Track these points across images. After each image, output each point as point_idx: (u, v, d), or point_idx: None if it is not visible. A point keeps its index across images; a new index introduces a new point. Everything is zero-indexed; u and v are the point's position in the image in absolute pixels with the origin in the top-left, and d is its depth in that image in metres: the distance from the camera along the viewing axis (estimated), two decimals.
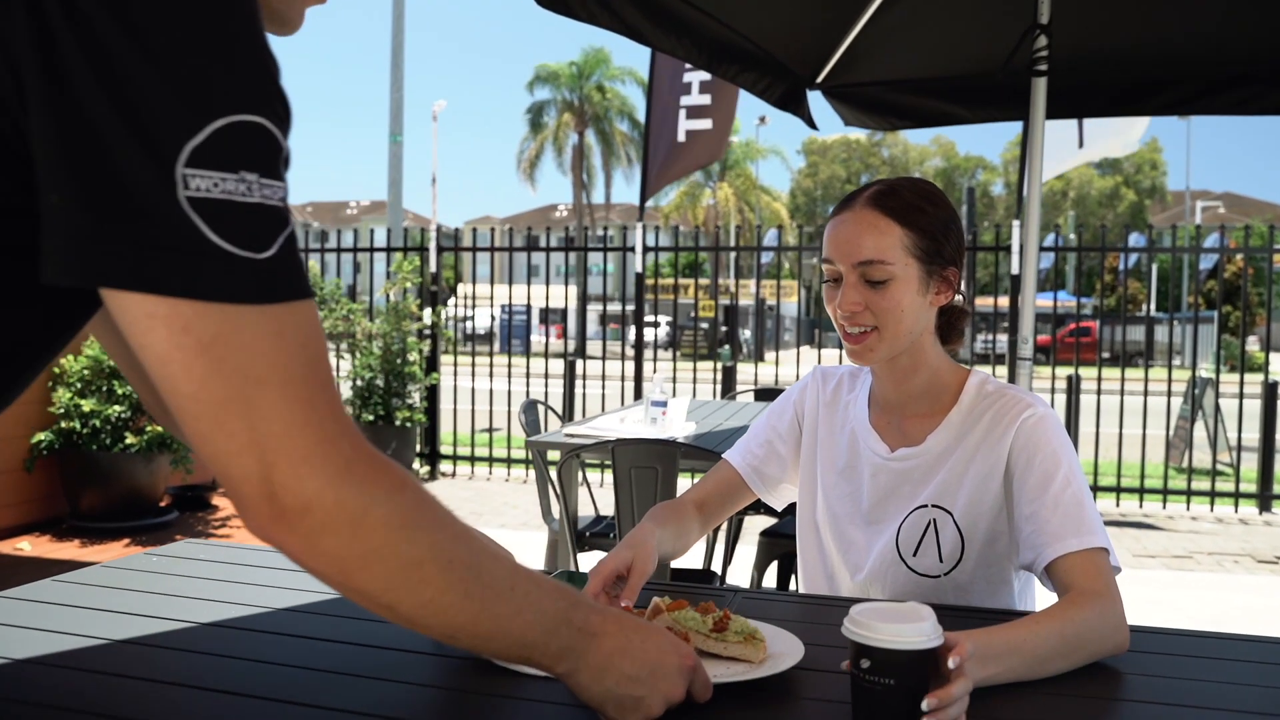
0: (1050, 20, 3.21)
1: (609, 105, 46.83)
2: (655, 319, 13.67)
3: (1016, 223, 6.83)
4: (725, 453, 1.91)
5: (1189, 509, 7.61)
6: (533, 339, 12.81)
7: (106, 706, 1.13)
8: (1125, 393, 7.49)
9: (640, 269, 8.39)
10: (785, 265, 29.60)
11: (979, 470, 1.58)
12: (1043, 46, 3.24)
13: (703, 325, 20.14)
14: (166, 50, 0.69)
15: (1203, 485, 7.74)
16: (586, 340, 14.82)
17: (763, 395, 6.10)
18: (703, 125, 8.54)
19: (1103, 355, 9.63)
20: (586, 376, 8.97)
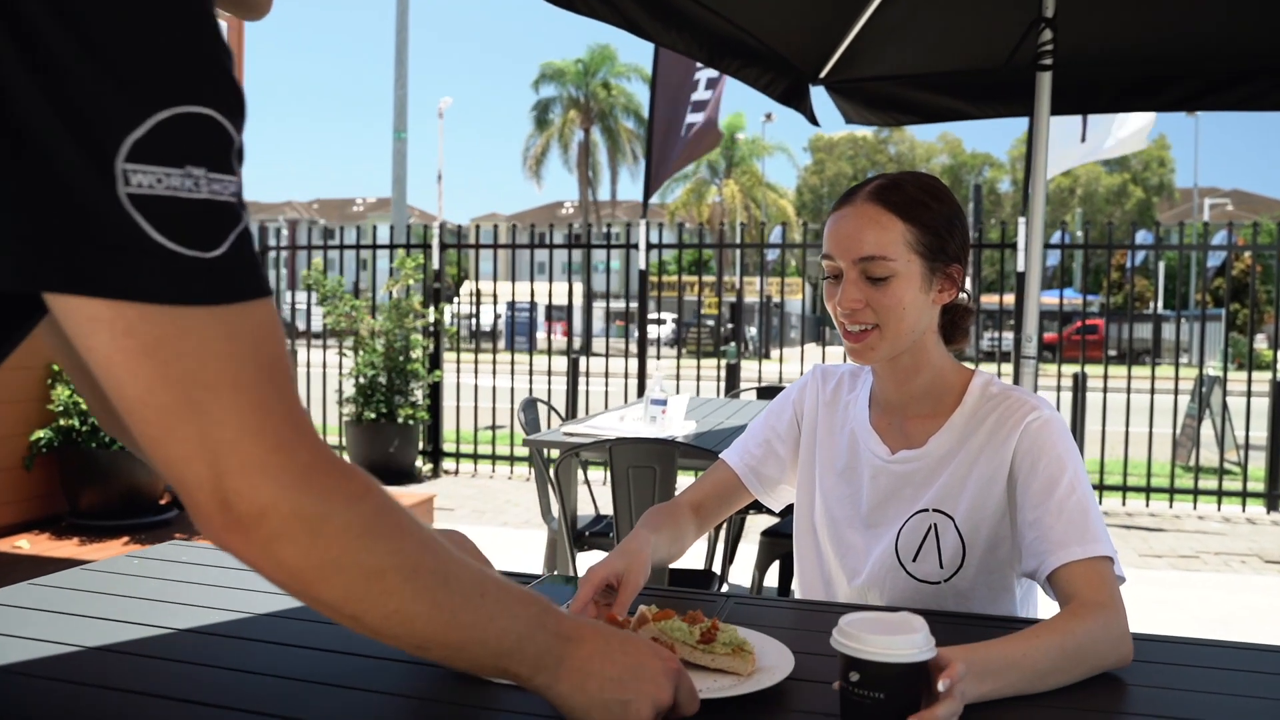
0: (1055, 14, 3.17)
1: (614, 102, 46.78)
2: (659, 316, 13.66)
3: (1023, 220, 6.78)
4: (722, 452, 1.87)
5: (1196, 508, 7.56)
6: (538, 336, 12.80)
7: (68, 716, 1.09)
8: (1132, 391, 7.44)
9: (644, 266, 8.36)
10: (792, 263, 29.54)
11: (982, 474, 1.54)
12: (1047, 40, 3.20)
13: (708, 323, 20.11)
14: (104, 37, 0.65)
15: (1210, 484, 7.69)
16: (592, 337, 14.83)
17: (765, 393, 6.07)
18: (700, 118, 8.54)
19: (1109, 353, 9.58)
20: (590, 374, 8.94)
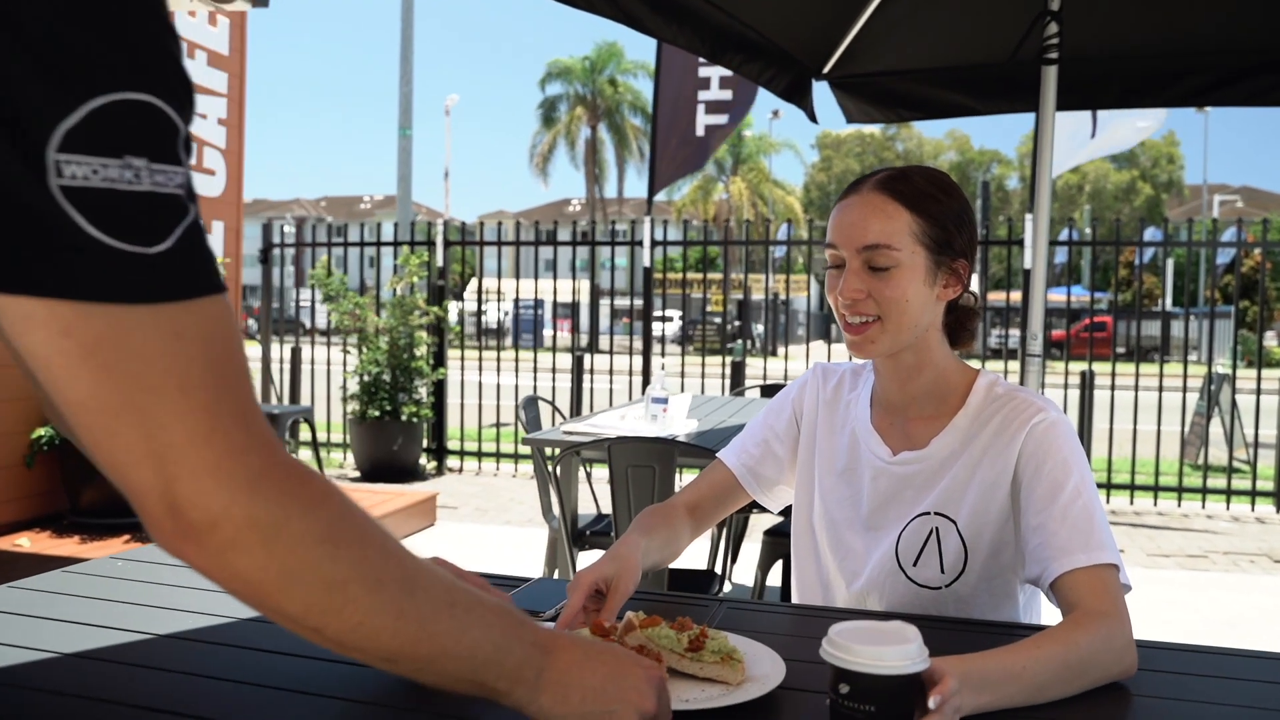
0: (1061, 8, 3.13)
1: (621, 99, 46.76)
2: (664, 313, 13.64)
3: (1030, 216, 6.74)
4: (720, 452, 1.84)
5: (1204, 507, 7.50)
6: (546, 333, 12.77)
7: None
8: (1140, 388, 7.39)
9: (649, 263, 8.33)
10: (799, 260, 29.43)
11: (985, 477, 1.50)
12: (1053, 34, 3.16)
13: (715, 320, 20.07)
14: (31, 19, 0.61)
15: (1219, 483, 7.64)
16: (599, 335, 14.77)
17: (769, 391, 6.04)
18: (721, 120, 8.49)
19: (1118, 350, 9.52)
20: (594, 371, 8.91)
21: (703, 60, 7.73)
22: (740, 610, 1.48)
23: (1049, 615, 1.38)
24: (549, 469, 3.56)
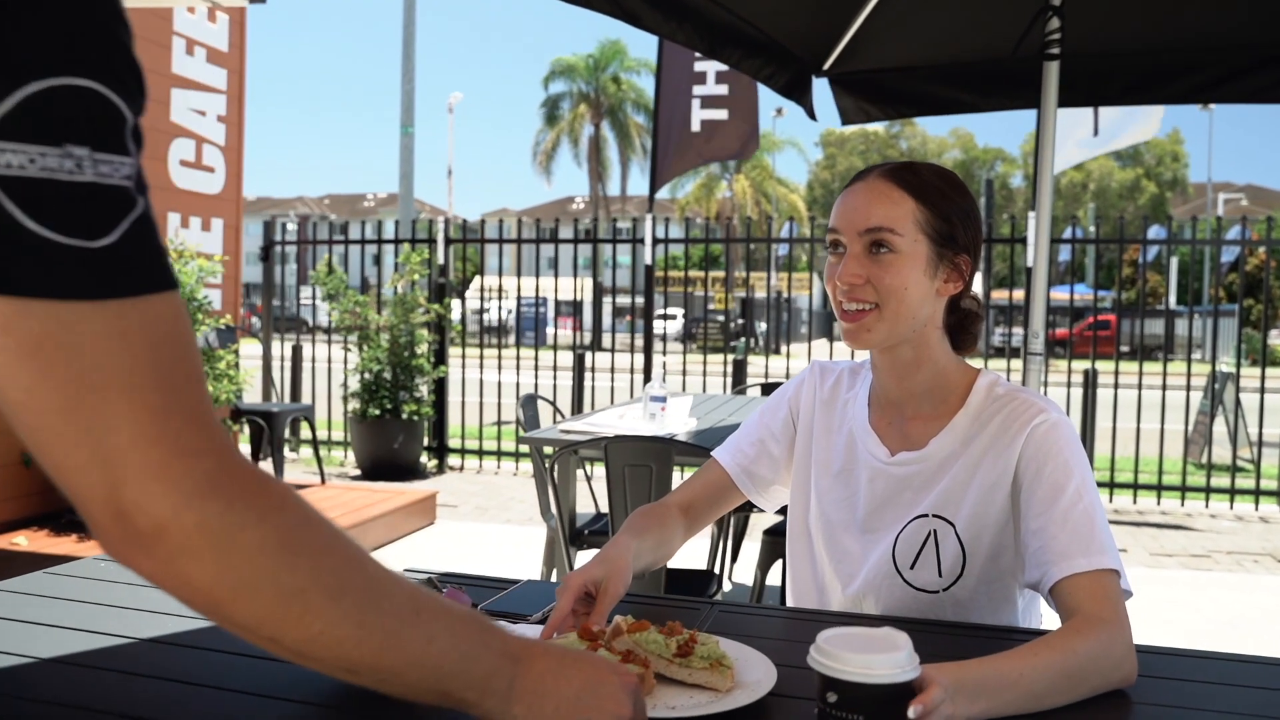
0: (1062, 2, 3.10)
1: (624, 97, 46.73)
2: (666, 311, 13.62)
3: (1032, 214, 6.70)
4: (714, 451, 1.81)
5: (1208, 506, 7.47)
6: (550, 331, 12.76)
7: None
8: (1144, 387, 7.36)
9: (650, 261, 8.30)
10: (803, 258, 29.42)
11: (985, 479, 1.47)
12: (1055, 29, 3.13)
13: (718, 318, 20.03)
14: None
15: (1222, 482, 7.60)
16: (602, 333, 14.77)
17: (770, 390, 6.01)
18: (718, 115, 8.45)
19: (1122, 349, 9.48)
20: (596, 369, 8.89)
21: (698, 55, 7.70)
22: (731, 614, 1.45)
23: (1049, 620, 1.35)
24: (546, 468, 3.53)
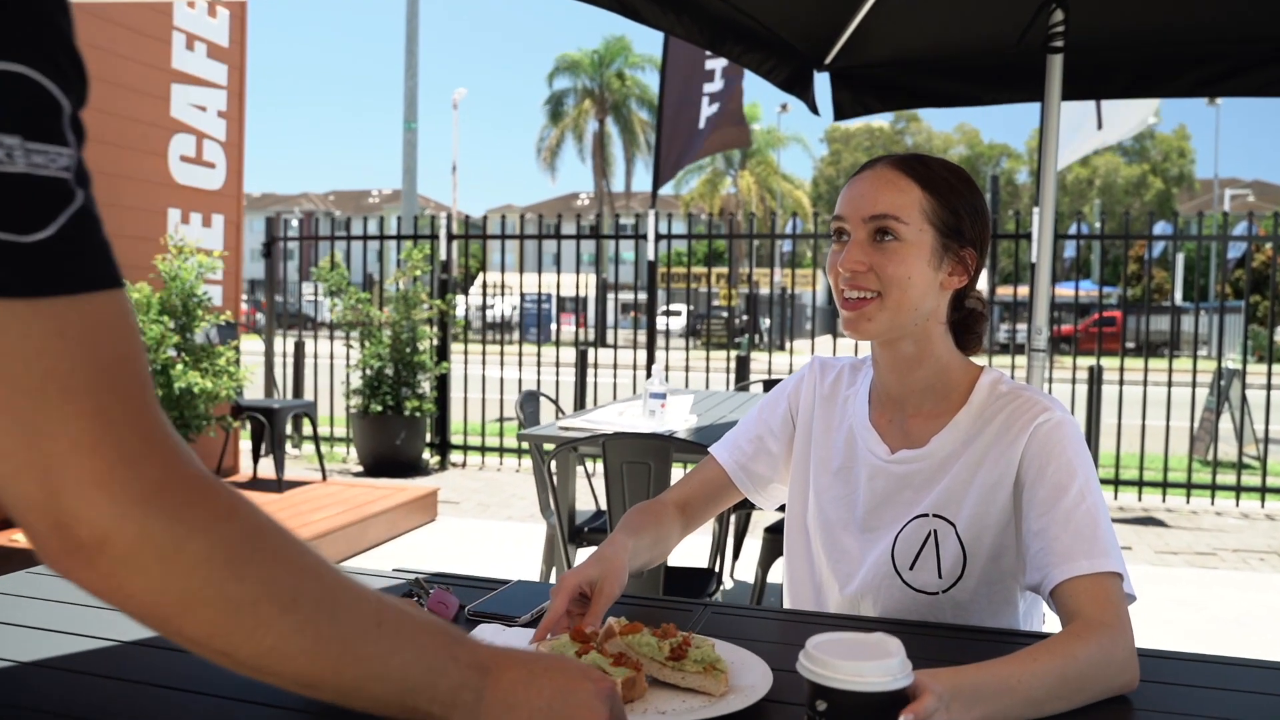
0: None
1: (629, 93, 46.67)
2: (668, 307, 13.62)
3: (1037, 210, 6.67)
4: (712, 447, 1.78)
5: (1213, 504, 7.43)
6: (554, 327, 12.76)
7: None
8: (1149, 383, 7.32)
9: (653, 257, 8.28)
10: (808, 254, 29.36)
11: (987, 478, 1.44)
12: (1059, 22, 3.09)
13: (723, 314, 19.98)
14: None
15: (1228, 479, 7.56)
16: (606, 329, 14.76)
17: (771, 386, 5.97)
18: (713, 109, 8.44)
19: (1127, 345, 9.42)
20: (599, 365, 8.86)
21: (709, 54, 7.68)
22: (724, 615, 1.42)
23: (1051, 623, 1.33)
24: (545, 465, 3.51)
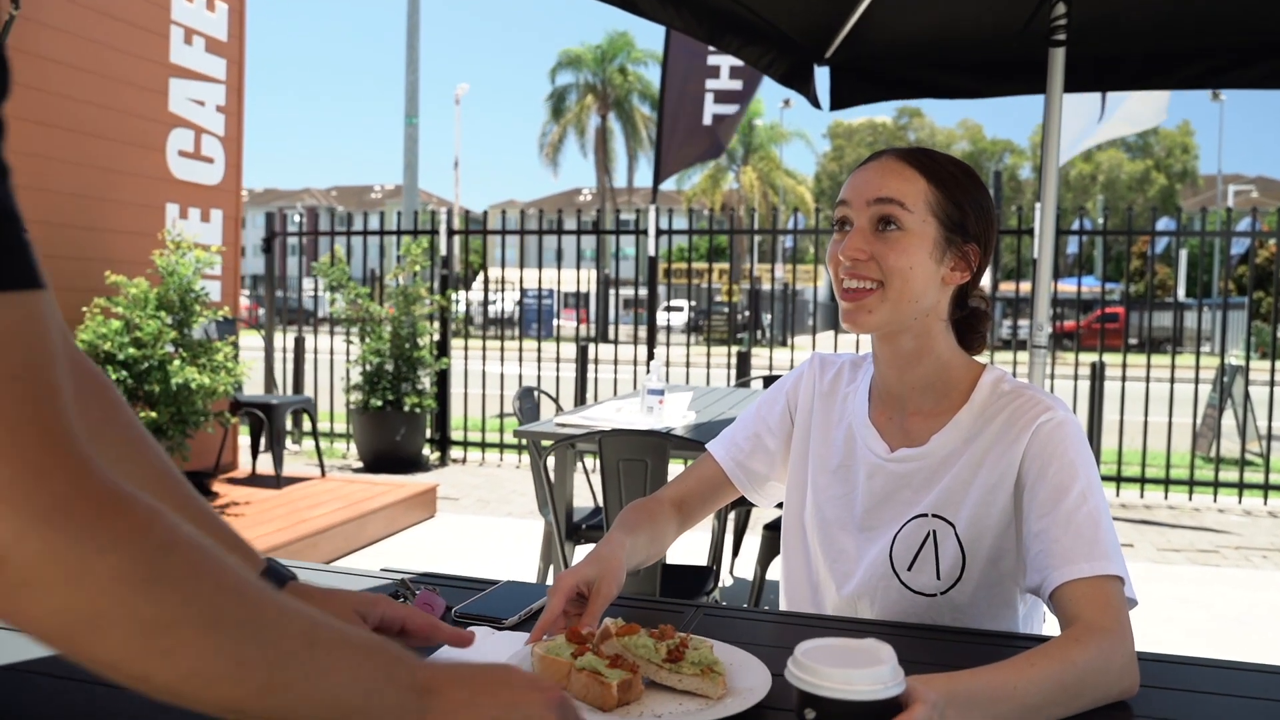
0: None
1: (631, 88, 46.61)
2: (670, 303, 13.61)
3: (1040, 205, 6.64)
4: (709, 444, 1.75)
5: (1216, 500, 7.40)
6: (556, 323, 12.76)
7: None
8: (1152, 380, 7.28)
9: (654, 252, 8.25)
10: (810, 249, 29.36)
11: (987, 478, 1.41)
12: (1061, 14, 3.06)
13: (724, 310, 19.96)
14: None
15: (1231, 476, 7.53)
16: (606, 324, 14.74)
17: (771, 382, 5.94)
18: (730, 110, 8.41)
19: (1130, 342, 9.40)
20: (600, 361, 8.84)
21: (713, 49, 7.65)
22: (717, 617, 1.39)
23: (1051, 627, 1.30)
24: (541, 462, 3.48)
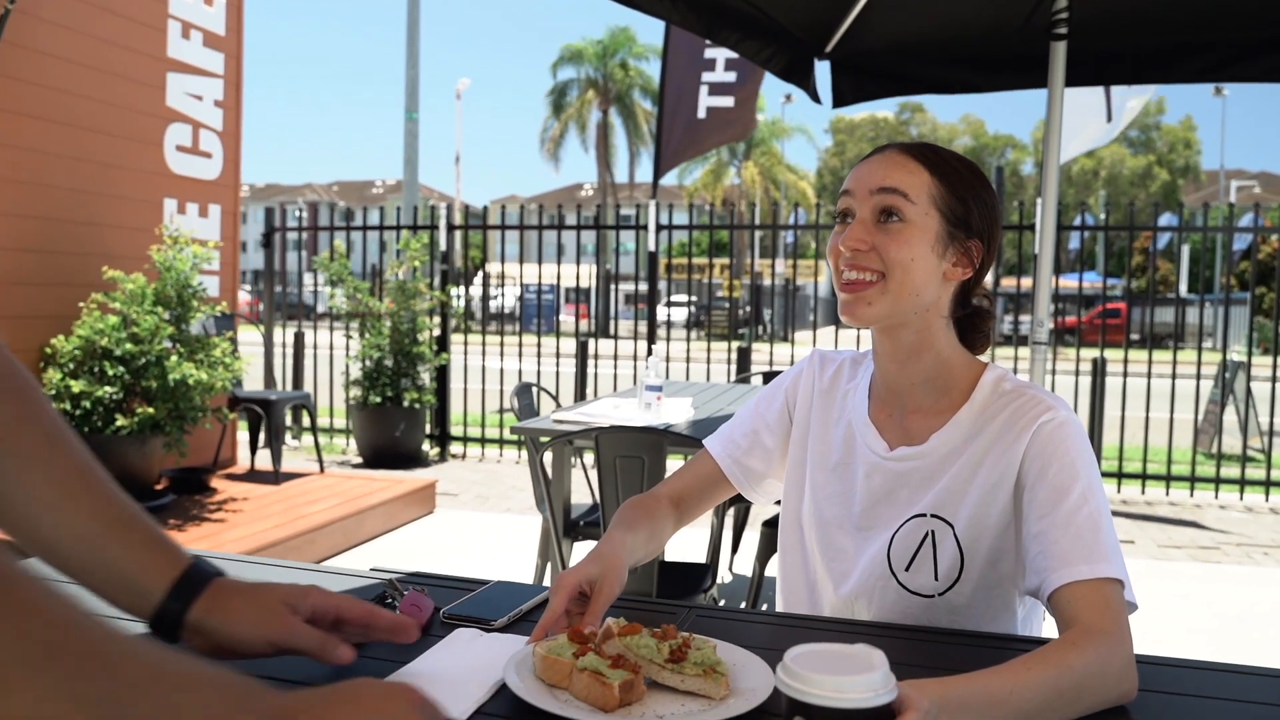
0: None
1: (632, 83, 46.52)
2: (670, 298, 13.59)
3: (1041, 201, 6.62)
4: (706, 440, 1.73)
5: (1217, 497, 7.38)
6: (557, 318, 12.76)
7: None
8: (1153, 375, 7.26)
9: (654, 248, 8.22)
10: (812, 245, 29.33)
11: (987, 478, 1.39)
12: (1062, 7, 3.04)
13: (724, 305, 19.94)
14: None
15: (1232, 472, 7.51)
16: (607, 320, 14.73)
17: (771, 379, 5.93)
18: (724, 102, 8.36)
19: (1131, 337, 9.37)
20: (601, 356, 8.81)
21: (709, 41, 7.62)
22: (709, 619, 1.37)
23: (1051, 631, 1.27)
24: (538, 458, 3.46)
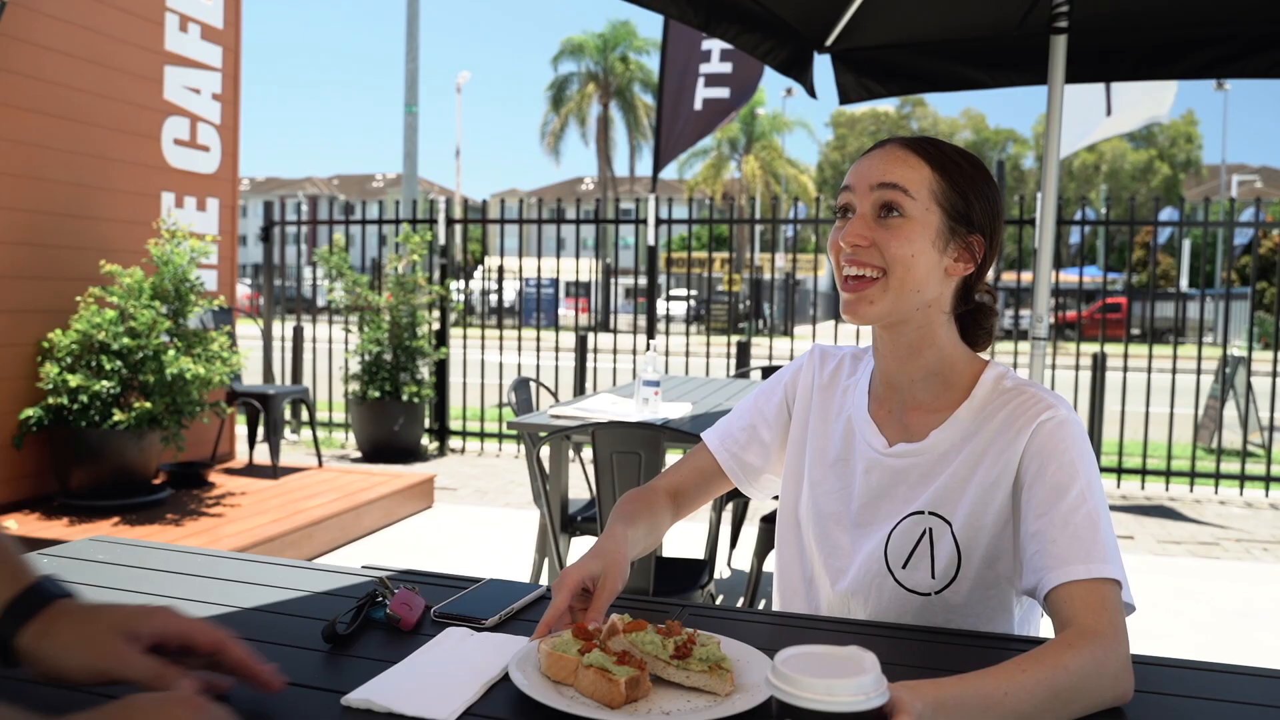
0: None
1: (633, 76, 46.44)
2: (669, 292, 13.59)
3: (1040, 196, 6.60)
4: (704, 433, 1.72)
5: (1217, 492, 7.37)
6: (558, 312, 12.74)
7: None
8: (1153, 370, 7.25)
9: (653, 242, 8.21)
10: (813, 239, 29.31)
11: (985, 476, 1.38)
12: (1062, 2, 3.02)
13: (726, 299, 19.93)
14: None
15: (1232, 467, 7.50)
16: (607, 314, 14.72)
17: (770, 373, 5.91)
18: (720, 94, 8.35)
19: (1132, 332, 9.35)
20: (600, 350, 8.80)
21: (705, 34, 7.61)
22: (704, 618, 1.36)
23: (1048, 631, 1.26)
24: (534, 454, 3.45)
